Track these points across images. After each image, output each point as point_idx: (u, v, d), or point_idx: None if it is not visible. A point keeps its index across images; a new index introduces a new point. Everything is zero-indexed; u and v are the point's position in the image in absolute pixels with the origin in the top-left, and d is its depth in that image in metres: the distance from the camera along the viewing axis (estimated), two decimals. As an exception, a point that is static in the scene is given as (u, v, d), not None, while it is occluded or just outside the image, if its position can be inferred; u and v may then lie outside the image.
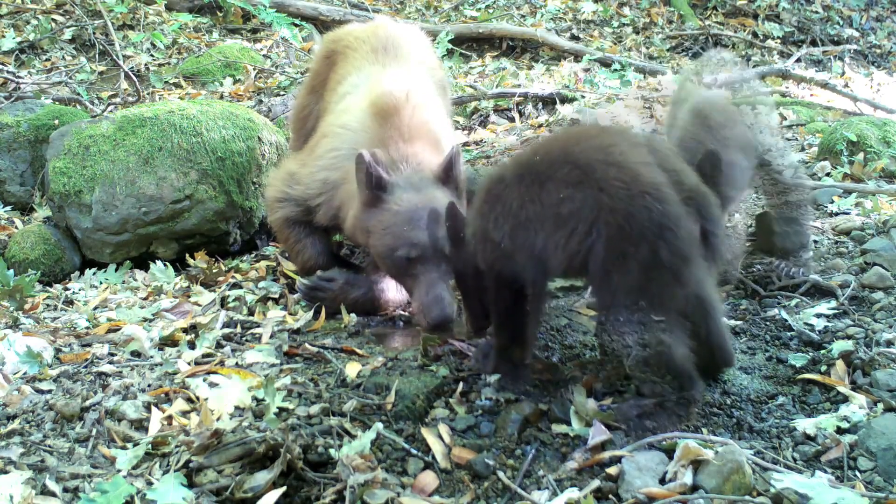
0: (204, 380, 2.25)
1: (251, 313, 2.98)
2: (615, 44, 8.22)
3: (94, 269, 3.62)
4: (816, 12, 9.15)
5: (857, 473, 1.88)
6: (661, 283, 1.92)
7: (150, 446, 1.94)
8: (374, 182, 2.69)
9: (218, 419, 2.04)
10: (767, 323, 2.68)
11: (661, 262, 1.89)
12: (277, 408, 2.07)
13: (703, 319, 2.13)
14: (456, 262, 2.46)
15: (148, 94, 5.94)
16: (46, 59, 6.42)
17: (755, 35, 8.76)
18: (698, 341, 2.19)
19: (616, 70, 6.94)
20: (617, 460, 1.91)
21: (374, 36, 3.42)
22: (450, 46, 7.26)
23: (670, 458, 1.88)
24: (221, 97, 6.08)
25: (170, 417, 2.10)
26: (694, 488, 1.79)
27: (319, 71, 3.61)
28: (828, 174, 4.20)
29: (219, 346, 2.61)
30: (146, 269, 3.58)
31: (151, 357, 2.51)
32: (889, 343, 2.37)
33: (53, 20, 6.79)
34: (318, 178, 3.01)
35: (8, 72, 5.94)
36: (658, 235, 1.88)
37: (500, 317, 2.31)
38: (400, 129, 2.88)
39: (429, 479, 1.89)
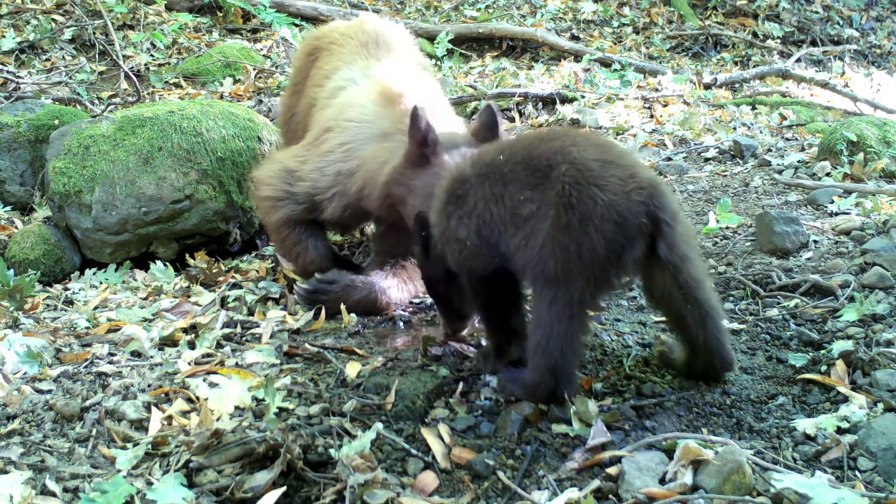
0: (204, 380, 2.25)
1: (251, 313, 2.98)
2: (615, 44, 8.23)
3: (94, 269, 3.62)
4: (816, 12, 9.15)
5: (857, 473, 1.88)
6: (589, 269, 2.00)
7: (150, 446, 1.94)
8: (425, 138, 2.65)
9: (218, 419, 2.04)
10: (767, 323, 2.68)
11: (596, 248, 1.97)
12: (277, 408, 2.07)
13: (699, 323, 2.12)
14: (427, 268, 2.47)
15: (148, 94, 5.94)
16: (46, 59, 6.42)
17: (755, 35, 8.77)
18: (695, 345, 2.19)
19: (616, 70, 6.95)
20: (617, 460, 1.91)
21: (360, 31, 3.48)
22: (450, 46, 7.27)
23: (670, 458, 1.88)
24: (221, 97, 6.08)
25: (170, 417, 2.10)
26: (694, 488, 1.78)
27: (301, 67, 3.63)
28: (828, 174, 4.21)
29: (219, 346, 2.61)
30: (146, 269, 3.58)
31: (151, 357, 2.51)
32: (889, 343, 2.37)
33: (53, 20, 6.79)
34: (330, 171, 3.00)
35: (8, 72, 5.94)
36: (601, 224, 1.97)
37: (485, 313, 2.33)
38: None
39: (429, 479, 1.89)
